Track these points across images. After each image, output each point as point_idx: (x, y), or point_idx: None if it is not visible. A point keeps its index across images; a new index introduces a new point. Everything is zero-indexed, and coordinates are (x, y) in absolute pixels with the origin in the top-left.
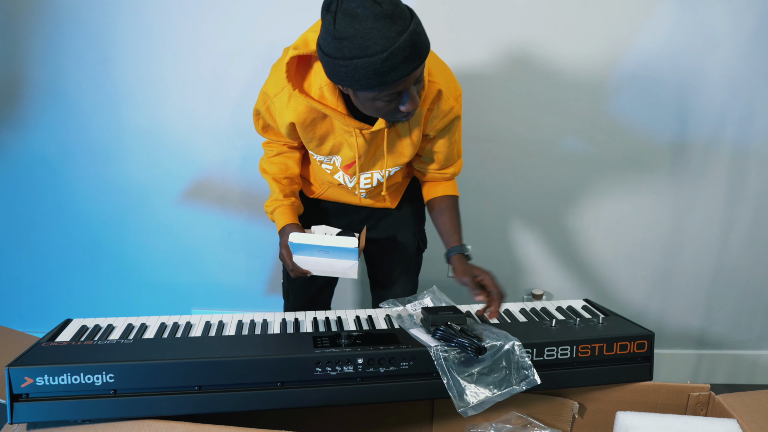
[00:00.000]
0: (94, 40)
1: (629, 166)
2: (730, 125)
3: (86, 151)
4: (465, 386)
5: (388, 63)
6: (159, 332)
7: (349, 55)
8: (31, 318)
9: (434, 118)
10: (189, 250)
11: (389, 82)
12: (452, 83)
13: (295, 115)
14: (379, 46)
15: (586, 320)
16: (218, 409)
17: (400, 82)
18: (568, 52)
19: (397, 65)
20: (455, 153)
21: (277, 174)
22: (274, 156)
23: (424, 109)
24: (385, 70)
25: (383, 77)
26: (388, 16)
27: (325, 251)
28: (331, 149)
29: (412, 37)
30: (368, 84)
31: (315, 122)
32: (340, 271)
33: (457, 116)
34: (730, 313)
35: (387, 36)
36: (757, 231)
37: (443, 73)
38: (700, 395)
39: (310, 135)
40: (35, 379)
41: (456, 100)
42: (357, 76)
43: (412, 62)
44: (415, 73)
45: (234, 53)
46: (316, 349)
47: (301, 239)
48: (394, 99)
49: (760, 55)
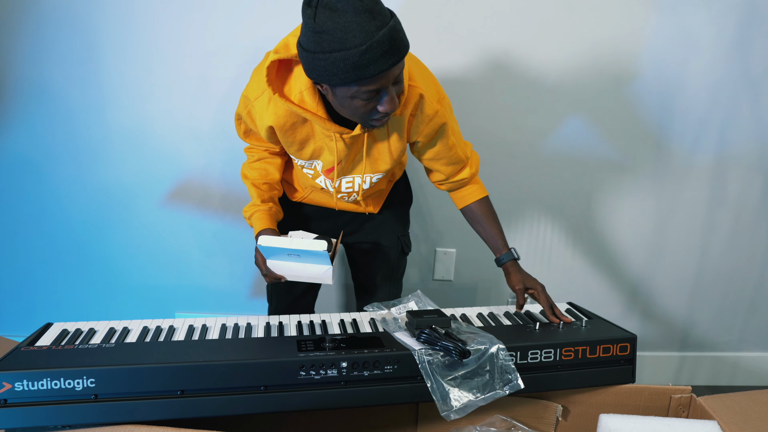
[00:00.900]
0: (79, 39)
1: (611, 170)
2: (711, 129)
3: (70, 151)
4: (449, 390)
5: (367, 56)
6: (141, 336)
7: (328, 48)
8: (13, 322)
9: (419, 123)
10: (173, 253)
11: (367, 76)
12: (434, 87)
13: (274, 119)
14: (358, 39)
15: (569, 323)
16: (201, 414)
17: (378, 77)
18: (551, 57)
19: (375, 59)
20: (460, 155)
21: (257, 179)
22: (254, 161)
23: (407, 115)
24: (363, 63)
25: (361, 71)
26: (368, 11)
27: (296, 255)
28: (312, 154)
29: (392, 32)
30: (346, 78)
31: (295, 126)
32: (315, 277)
33: (445, 119)
34: (711, 316)
35: (366, 30)
36: (738, 234)
37: (425, 77)
38: (682, 397)
39: (290, 139)
40: (14, 385)
41: (439, 102)
42: (335, 69)
43: (391, 57)
44: (394, 70)
45: (220, 54)
46: (300, 353)
47: (270, 242)
48: (372, 97)
49: (741, 60)
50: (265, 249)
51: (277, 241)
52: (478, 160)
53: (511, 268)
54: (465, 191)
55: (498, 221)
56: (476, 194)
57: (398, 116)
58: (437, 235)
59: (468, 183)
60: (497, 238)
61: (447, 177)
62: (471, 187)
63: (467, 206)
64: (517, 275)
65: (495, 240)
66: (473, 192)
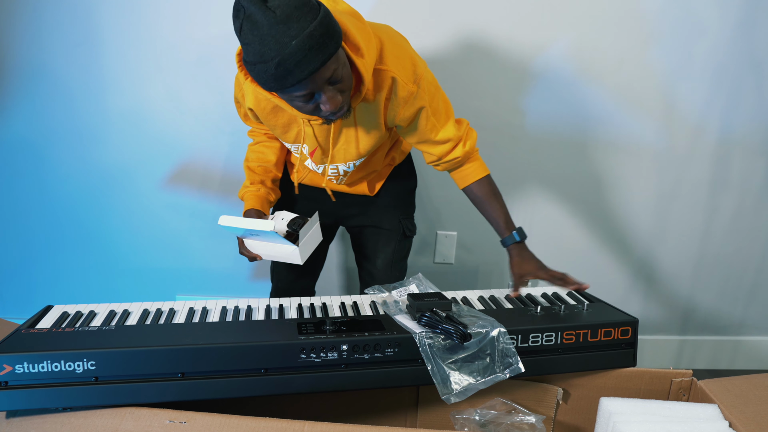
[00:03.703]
0: (79, 20)
1: (614, 153)
2: (715, 113)
3: (70, 133)
4: (449, 373)
5: (281, 68)
6: (142, 319)
7: (252, 60)
8: (13, 304)
9: (395, 107)
10: (174, 235)
11: (288, 86)
12: (410, 67)
13: (255, 102)
14: (273, 52)
15: (571, 307)
16: (202, 396)
17: (303, 84)
18: (553, 39)
19: (291, 69)
20: (448, 135)
21: (253, 162)
22: (255, 144)
23: (382, 99)
24: (280, 75)
25: (280, 81)
26: (282, 22)
27: (257, 235)
28: (296, 137)
29: (307, 41)
30: (273, 87)
31: (276, 110)
32: (285, 256)
33: (423, 101)
34: (712, 299)
35: (280, 41)
36: (740, 218)
37: (399, 58)
38: (683, 381)
39: (272, 122)
40: (14, 367)
41: (415, 83)
42: (263, 79)
43: (309, 64)
44: (321, 74)
45: (220, 36)
46: (301, 336)
47: (226, 222)
48: (309, 100)
49: (746, 43)
50: (226, 229)
51: (233, 221)
52: (475, 136)
53: (512, 252)
54: (464, 171)
55: (501, 201)
56: (476, 173)
57: (372, 102)
58: (438, 217)
59: (465, 162)
60: (499, 219)
61: (439, 157)
62: (470, 166)
63: (468, 186)
64: (516, 260)
65: (497, 221)
66: (473, 171)
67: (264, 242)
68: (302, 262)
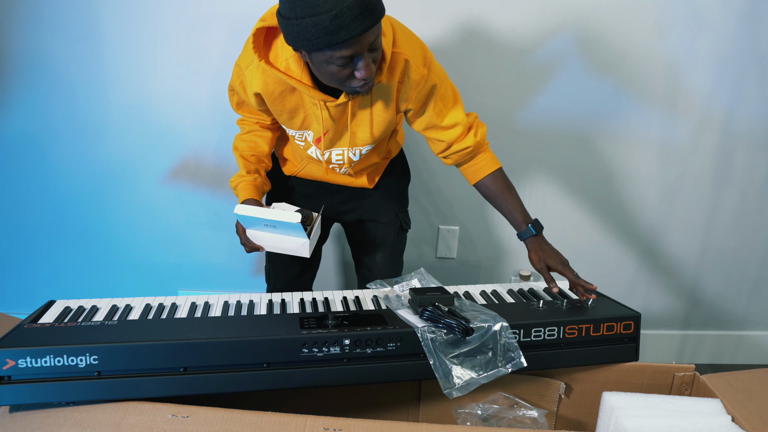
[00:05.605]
0: (79, 14)
1: (617, 147)
2: (719, 107)
3: (70, 128)
4: (451, 367)
5: (337, 21)
6: (144, 313)
7: (301, 14)
8: (16, 299)
9: (408, 89)
10: (176, 230)
11: (339, 41)
12: (421, 52)
13: (263, 86)
14: (328, 5)
15: (573, 301)
16: (204, 391)
17: (351, 43)
18: (555, 32)
19: (346, 24)
20: (456, 119)
21: (245, 151)
22: (245, 133)
23: (395, 82)
24: (333, 29)
25: (332, 36)
26: None
27: (272, 226)
28: (302, 123)
29: None
30: (318, 44)
31: (284, 95)
32: (292, 249)
33: (434, 82)
34: (715, 294)
35: None
36: (744, 212)
37: (410, 43)
38: (685, 375)
39: (279, 108)
40: (17, 362)
41: (426, 67)
42: (308, 35)
43: (362, 22)
44: (367, 36)
45: (221, 29)
46: (303, 330)
47: (247, 211)
48: (347, 64)
49: (749, 36)
50: (242, 218)
51: (254, 210)
52: (485, 130)
53: (530, 245)
54: (476, 164)
55: (515, 194)
56: (488, 167)
57: (385, 84)
58: (440, 212)
59: (476, 154)
60: (515, 213)
61: (449, 144)
62: (481, 159)
63: (480, 181)
64: (536, 254)
65: (513, 215)
66: (484, 164)
67: (273, 234)
68: (309, 255)
